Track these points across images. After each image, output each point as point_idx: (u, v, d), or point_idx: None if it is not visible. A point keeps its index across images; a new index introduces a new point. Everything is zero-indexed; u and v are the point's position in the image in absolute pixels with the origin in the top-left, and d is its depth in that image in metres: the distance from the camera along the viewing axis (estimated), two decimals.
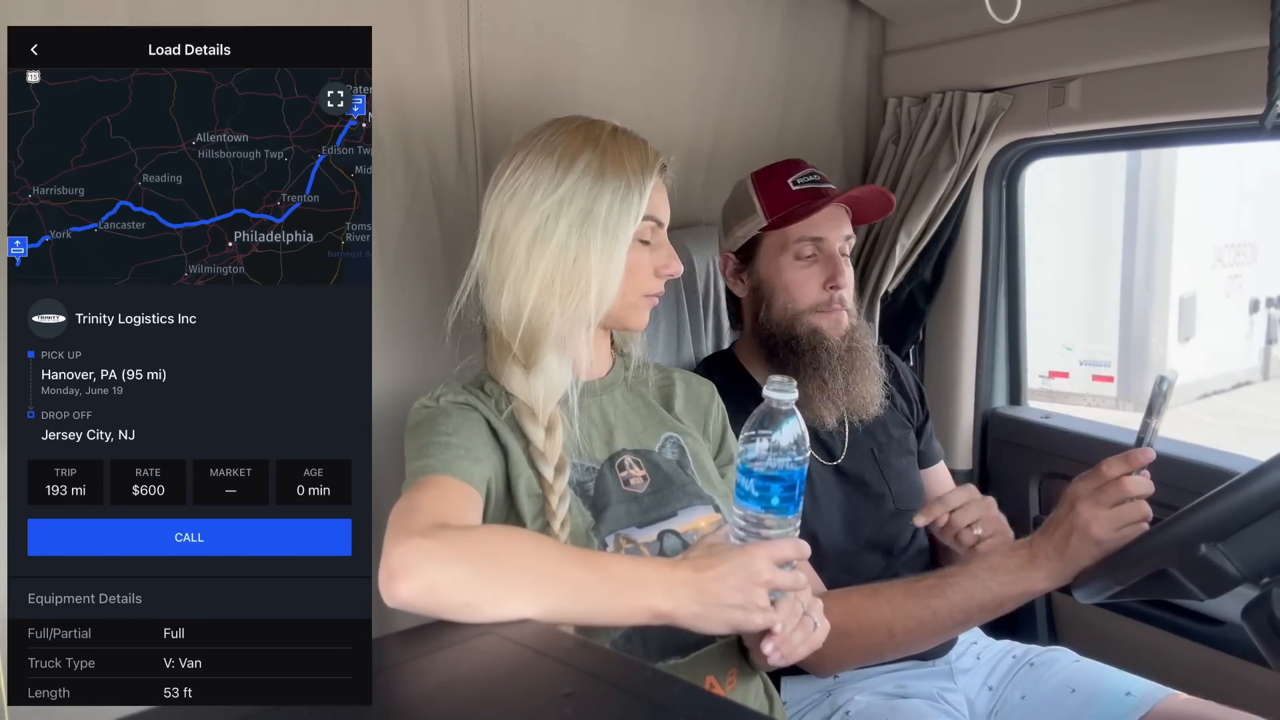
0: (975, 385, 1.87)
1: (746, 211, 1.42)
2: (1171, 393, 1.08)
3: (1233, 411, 7.05)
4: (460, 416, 1.03)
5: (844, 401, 1.36)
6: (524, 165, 1.05)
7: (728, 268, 1.46)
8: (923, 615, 1.13)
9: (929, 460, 1.55)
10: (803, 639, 0.95)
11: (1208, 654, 1.50)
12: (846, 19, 1.86)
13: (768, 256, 1.40)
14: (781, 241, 1.39)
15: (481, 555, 0.83)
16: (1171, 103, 1.48)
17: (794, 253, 1.38)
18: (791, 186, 1.39)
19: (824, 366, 1.35)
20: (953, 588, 1.12)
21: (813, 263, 1.38)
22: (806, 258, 1.38)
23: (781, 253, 1.39)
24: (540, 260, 1.02)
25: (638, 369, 1.19)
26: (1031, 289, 1.90)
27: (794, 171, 1.41)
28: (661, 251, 1.10)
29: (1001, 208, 1.84)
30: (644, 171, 1.05)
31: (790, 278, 1.38)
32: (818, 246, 1.37)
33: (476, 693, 0.69)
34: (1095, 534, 1.06)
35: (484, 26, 1.43)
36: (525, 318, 1.03)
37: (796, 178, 1.40)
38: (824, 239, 1.37)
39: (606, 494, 1.06)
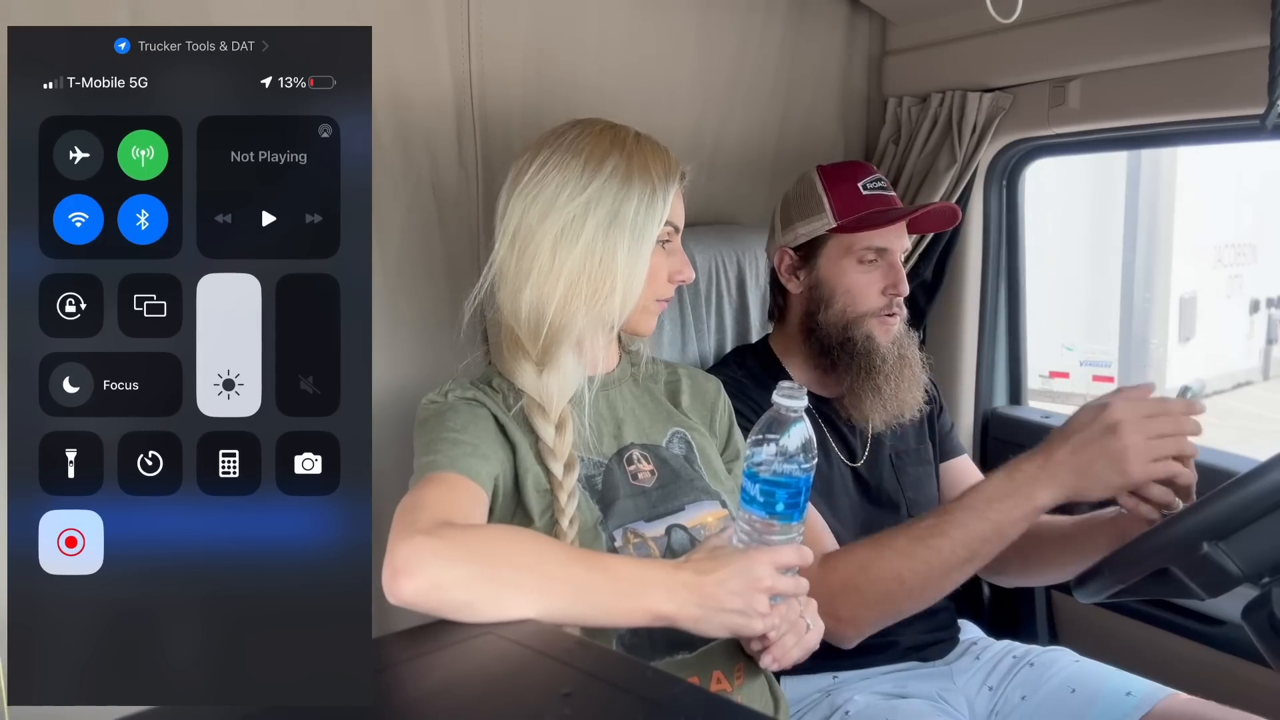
0: (975, 385, 1.87)
1: (813, 210, 1.41)
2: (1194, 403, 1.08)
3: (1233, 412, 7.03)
4: (468, 413, 1.03)
5: (893, 405, 1.38)
6: (549, 165, 1.05)
7: (784, 263, 1.44)
8: (928, 556, 1.12)
9: (952, 452, 1.55)
10: (795, 642, 0.95)
11: (1208, 654, 1.50)
12: (847, 19, 1.86)
13: (831, 257, 1.40)
14: (847, 245, 1.38)
15: (485, 555, 0.83)
16: (1171, 103, 1.48)
17: (858, 257, 1.38)
18: (862, 191, 1.39)
19: (878, 371, 1.36)
20: (952, 524, 1.12)
21: (874, 268, 1.38)
22: (869, 263, 1.38)
23: (845, 255, 1.39)
24: (566, 260, 1.02)
25: (645, 365, 1.20)
26: (1031, 289, 1.90)
27: (863, 175, 1.41)
28: (676, 257, 1.11)
29: (1002, 207, 1.84)
30: (668, 177, 1.06)
31: (854, 280, 1.38)
32: (880, 254, 1.38)
33: (476, 693, 0.69)
34: (1129, 465, 1.03)
35: (484, 27, 1.43)
36: (549, 317, 1.03)
37: (866, 182, 1.40)
38: (889, 249, 1.38)
39: (614, 488, 1.06)
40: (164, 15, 1.18)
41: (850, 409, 1.40)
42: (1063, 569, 1.27)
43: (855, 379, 1.37)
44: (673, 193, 1.07)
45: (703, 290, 1.64)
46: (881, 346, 1.38)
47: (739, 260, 1.68)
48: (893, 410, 1.39)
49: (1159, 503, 1.11)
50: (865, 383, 1.37)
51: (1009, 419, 1.86)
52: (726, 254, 1.66)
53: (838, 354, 1.38)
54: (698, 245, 1.62)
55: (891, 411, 1.39)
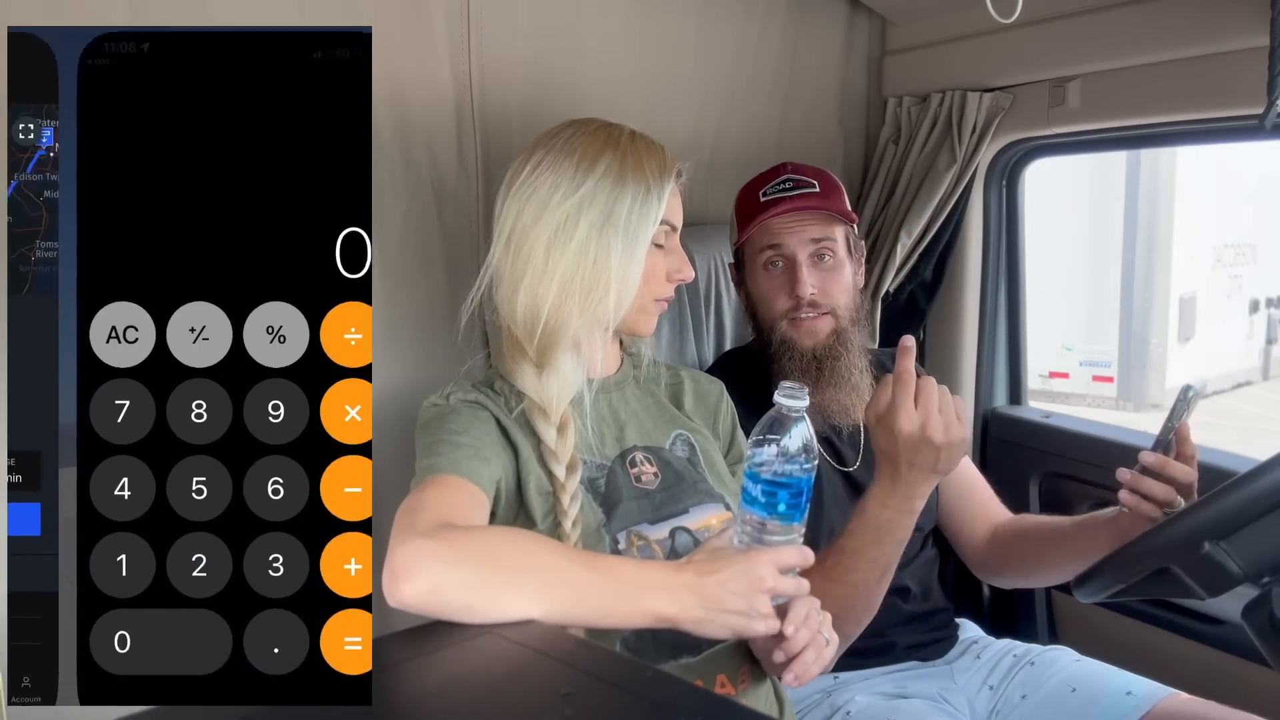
0: (975, 385, 1.87)
1: (733, 225, 1.45)
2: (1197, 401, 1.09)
3: (1233, 412, 7.03)
4: (470, 415, 1.03)
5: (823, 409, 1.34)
6: (543, 165, 1.05)
7: (733, 279, 1.50)
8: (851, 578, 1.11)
9: None
10: (815, 658, 0.94)
11: (1209, 653, 1.50)
12: (847, 18, 1.86)
13: (749, 269, 1.43)
14: (752, 253, 1.40)
15: (485, 557, 0.82)
16: (1171, 102, 1.48)
17: (762, 262, 1.39)
18: (760, 198, 1.39)
19: (801, 374, 1.33)
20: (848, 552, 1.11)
21: (778, 271, 1.38)
22: (772, 265, 1.38)
23: (753, 264, 1.41)
24: (560, 261, 1.02)
25: (648, 367, 1.19)
26: (1031, 289, 1.90)
27: (770, 180, 1.40)
28: (674, 256, 1.10)
29: (1002, 207, 1.84)
30: (663, 176, 1.06)
31: (762, 286, 1.40)
32: (779, 254, 1.37)
33: (476, 693, 0.69)
34: (929, 434, 1.05)
35: (484, 26, 1.43)
36: (543, 318, 1.03)
37: (768, 188, 1.39)
38: (781, 244, 1.37)
39: (618, 490, 1.06)
40: (163, 15, 1.18)
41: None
42: (1062, 569, 1.27)
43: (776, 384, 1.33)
44: (668, 191, 1.06)
45: (702, 291, 1.64)
46: (798, 349, 1.35)
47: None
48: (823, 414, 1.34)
49: (1161, 501, 1.11)
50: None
51: (1009, 419, 1.86)
52: (726, 254, 1.66)
53: (773, 359, 1.38)
54: (697, 245, 1.61)
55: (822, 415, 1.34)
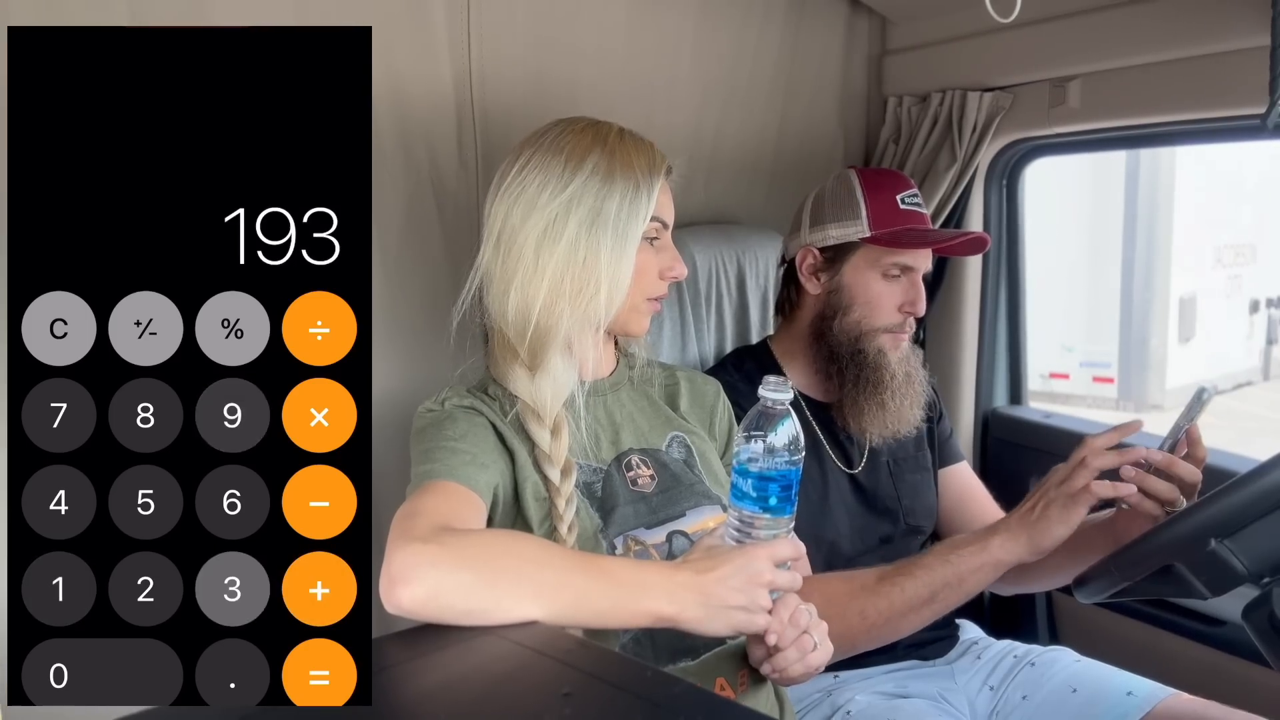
0: (976, 385, 1.87)
1: (848, 214, 1.39)
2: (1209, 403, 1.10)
3: (1233, 412, 7.03)
4: (466, 421, 1.02)
5: (893, 421, 1.38)
6: (531, 165, 1.04)
7: (806, 261, 1.42)
8: (891, 594, 1.14)
9: (951, 458, 1.54)
10: (798, 657, 0.93)
11: (1209, 654, 1.50)
12: (846, 18, 1.86)
13: (857, 266, 1.39)
14: (876, 257, 1.38)
15: (483, 561, 0.82)
16: (1171, 102, 1.48)
17: (884, 270, 1.38)
18: (900, 205, 1.38)
19: (885, 387, 1.36)
20: (919, 566, 1.15)
21: (896, 284, 1.38)
22: (893, 278, 1.38)
23: (872, 266, 1.38)
24: (549, 260, 1.02)
25: (643, 368, 1.18)
26: (1031, 289, 1.90)
27: (902, 188, 1.40)
28: (666, 254, 1.10)
29: (1002, 207, 1.84)
30: (651, 172, 1.05)
31: (876, 292, 1.38)
32: (905, 272, 1.38)
33: (476, 693, 0.69)
34: (1052, 511, 1.11)
35: (484, 26, 1.43)
36: (534, 319, 1.02)
37: (904, 196, 1.39)
38: (915, 269, 1.38)
39: (614, 494, 1.05)
40: (162, 15, 1.18)
41: (849, 418, 1.39)
42: (1059, 573, 1.27)
43: (860, 390, 1.36)
44: (658, 188, 1.05)
45: (702, 290, 1.64)
46: (892, 362, 1.37)
47: (739, 260, 1.67)
48: (892, 426, 1.38)
49: (1165, 499, 1.10)
50: (870, 396, 1.36)
51: (1009, 419, 1.86)
52: (726, 254, 1.66)
53: (846, 363, 1.37)
54: (698, 245, 1.61)
55: (890, 427, 1.38)
